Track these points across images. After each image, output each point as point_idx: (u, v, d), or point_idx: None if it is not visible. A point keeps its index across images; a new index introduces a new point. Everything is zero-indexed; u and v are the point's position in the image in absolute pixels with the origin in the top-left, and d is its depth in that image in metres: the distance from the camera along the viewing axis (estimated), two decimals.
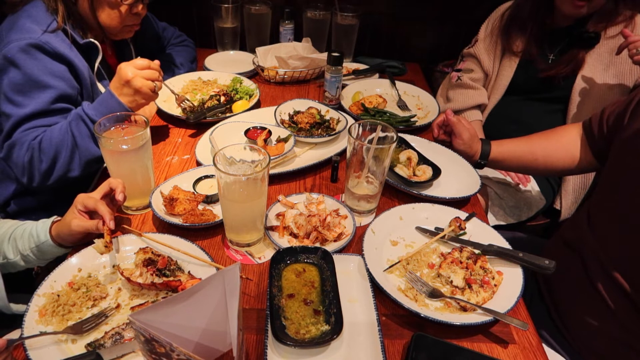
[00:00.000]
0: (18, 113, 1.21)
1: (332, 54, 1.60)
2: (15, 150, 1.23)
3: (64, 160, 1.24)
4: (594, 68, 1.61)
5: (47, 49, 1.23)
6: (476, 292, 0.99)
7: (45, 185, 1.26)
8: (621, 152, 1.13)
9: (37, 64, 1.22)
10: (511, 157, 1.41)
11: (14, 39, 1.21)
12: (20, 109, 1.21)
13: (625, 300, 1.04)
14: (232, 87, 1.74)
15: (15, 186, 1.38)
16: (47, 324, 0.89)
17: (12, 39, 1.20)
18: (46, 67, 1.23)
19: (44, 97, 1.23)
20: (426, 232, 1.17)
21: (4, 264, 1.08)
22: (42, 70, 1.22)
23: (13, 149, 1.23)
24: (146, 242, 1.07)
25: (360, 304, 0.97)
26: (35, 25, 1.24)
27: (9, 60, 1.20)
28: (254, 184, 0.99)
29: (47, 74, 1.23)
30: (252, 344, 0.91)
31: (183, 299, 0.71)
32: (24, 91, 1.22)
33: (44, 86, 1.23)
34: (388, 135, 1.14)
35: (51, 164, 1.23)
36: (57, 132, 1.23)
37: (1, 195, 1.39)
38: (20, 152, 1.22)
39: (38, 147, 1.22)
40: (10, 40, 1.20)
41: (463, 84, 1.83)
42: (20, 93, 1.22)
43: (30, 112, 1.22)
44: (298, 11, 2.06)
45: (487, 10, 1.86)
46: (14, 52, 1.19)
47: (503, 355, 0.92)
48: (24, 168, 1.23)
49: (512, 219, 1.71)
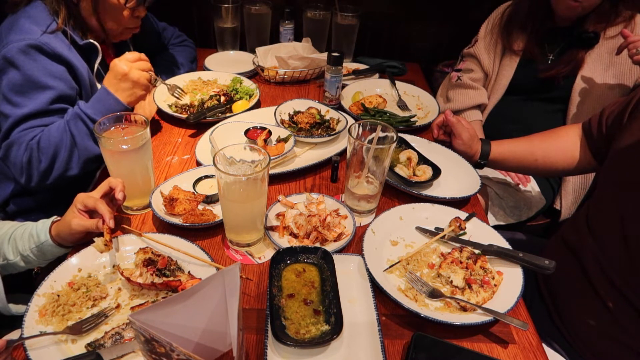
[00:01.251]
0: (16, 113, 1.21)
1: (332, 54, 1.60)
2: (13, 150, 1.23)
3: (63, 159, 1.24)
4: (594, 68, 1.61)
5: (46, 49, 1.23)
6: (476, 292, 0.99)
7: (43, 185, 1.26)
8: (619, 153, 1.13)
9: (36, 64, 1.22)
10: (511, 158, 1.41)
11: (13, 39, 1.21)
12: (18, 109, 1.21)
13: (625, 301, 1.04)
14: (232, 87, 1.74)
15: (13, 186, 1.38)
16: (47, 324, 0.89)
17: (12, 40, 1.21)
18: (45, 68, 1.23)
19: (42, 97, 1.23)
20: (426, 232, 1.17)
21: (4, 265, 1.08)
22: (41, 70, 1.22)
23: (11, 148, 1.23)
24: (146, 242, 1.07)
25: (360, 304, 0.97)
26: (34, 26, 1.24)
27: (8, 61, 1.20)
28: (254, 184, 0.99)
29: (47, 75, 1.23)
30: (252, 344, 0.91)
31: (183, 299, 0.71)
32: (22, 91, 1.22)
33: (42, 87, 1.23)
34: (388, 135, 1.14)
35: (50, 163, 1.23)
36: (55, 132, 1.23)
37: (0, 196, 1.38)
38: (18, 152, 1.22)
39: (37, 146, 1.21)
40: (9, 41, 1.20)
41: (463, 84, 1.83)
42: (19, 93, 1.22)
43: (29, 112, 1.22)
44: (298, 11, 2.06)
45: (487, 10, 1.86)
46: (13, 52, 1.19)
47: (503, 355, 0.92)
48: (23, 168, 1.23)
49: (512, 219, 1.71)
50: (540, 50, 1.67)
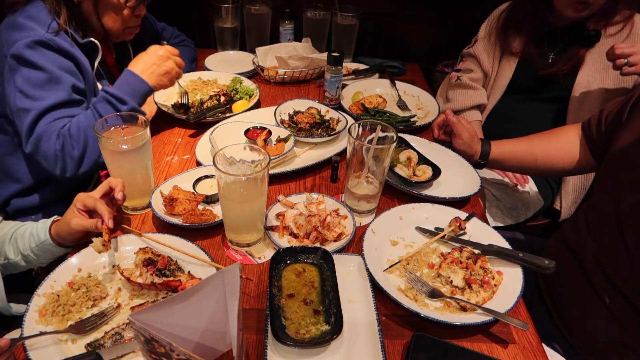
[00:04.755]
0: (40, 106, 1.21)
1: (332, 54, 1.60)
2: (43, 142, 1.22)
3: (95, 143, 1.25)
4: (594, 67, 1.61)
5: (52, 45, 1.24)
6: (476, 292, 0.99)
7: (78, 174, 1.27)
8: (618, 152, 1.13)
9: (46, 58, 1.23)
10: (511, 158, 1.41)
11: (18, 37, 1.21)
12: (39, 102, 1.22)
13: (624, 301, 1.04)
14: (232, 87, 1.74)
15: (15, 186, 1.38)
16: (47, 324, 0.89)
17: (17, 38, 1.21)
18: (56, 61, 1.25)
19: (61, 88, 1.24)
20: (426, 232, 1.17)
21: (5, 264, 1.08)
22: (53, 64, 1.24)
23: (40, 141, 1.22)
24: (146, 242, 1.07)
25: (360, 304, 0.97)
26: (36, 24, 1.25)
27: (18, 58, 1.20)
28: (254, 184, 0.99)
29: (59, 68, 1.25)
30: (252, 344, 0.91)
31: (183, 299, 0.71)
32: (40, 85, 1.22)
33: (58, 78, 1.24)
34: (388, 135, 1.14)
35: (82, 150, 1.24)
36: (83, 118, 1.25)
37: (0, 195, 1.39)
38: (49, 143, 1.22)
39: (68, 134, 1.22)
40: (15, 40, 1.20)
41: (462, 84, 1.83)
42: (38, 87, 1.22)
43: (52, 103, 1.23)
44: (298, 11, 2.06)
45: (487, 10, 1.86)
46: (21, 49, 1.20)
47: (503, 355, 0.92)
48: (57, 157, 1.23)
49: (510, 220, 1.71)
50: (538, 51, 1.67)
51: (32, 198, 1.40)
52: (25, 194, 1.40)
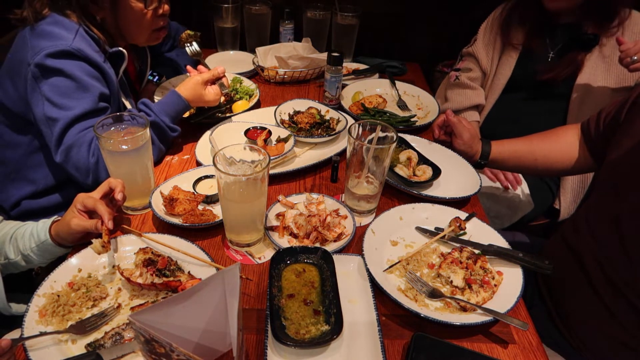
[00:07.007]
0: (67, 115, 1.20)
1: (332, 54, 1.60)
2: (73, 152, 1.21)
3: None
4: (595, 69, 1.60)
5: (78, 55, 1.22)
6: (476, 292, 0.99)
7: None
8: (616, 153, 1.12)
9: (73, 67, 1.22)
10: (511, 158, 1.41)
11: (46, 46, 1.19)
12: (67, 112, 1.21)
13: (624, 301, 1.04)
14: (232, 87, 1.74)
15: (29, 187, 1.37)
16: (47, 324, 0.89)
17: (45, 46, 1.19)
18: (83, 69, 1.23)
19: (88, 97, 1.23)
20: (426, 232, 1.16)
21: (5, 264, 1.08)
22: (81, 72, 1.22)
23: (71, 151, 1.21)
24: (146, 242, 1.07)
25: (360, 304, 0.97)
26: (64, 31, 1.23)
27: (45, 67, 1.19)
28: (253, 184, 0.99)
29: (86, 75, 1.24)
30: (252, 344, 0.91)
31: (183, 299, 0.71)
32: (68, 94, 1.21)
33: (85, 86, 1.23)
34: (388, 135, 1.14)
35: None
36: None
37: (13, 196, 1.38)
38: (80, 154, 1.21)
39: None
40: (42, 48, 1.19)
41: (461, 83, 1.83)
42: (65, 96, 1.21)
43: (80, 112, 1.22)
44: (298, 11, 2.06)
45: (487, 9, 1.86)
46: (47, 58, 1.18)
47: (503, 355, 0.92)
48: (89, 170, 1.23)
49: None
50: (540, 42, 1.66)
51: (42, 201, 1.40)
52: (37, 197, 1.39)
